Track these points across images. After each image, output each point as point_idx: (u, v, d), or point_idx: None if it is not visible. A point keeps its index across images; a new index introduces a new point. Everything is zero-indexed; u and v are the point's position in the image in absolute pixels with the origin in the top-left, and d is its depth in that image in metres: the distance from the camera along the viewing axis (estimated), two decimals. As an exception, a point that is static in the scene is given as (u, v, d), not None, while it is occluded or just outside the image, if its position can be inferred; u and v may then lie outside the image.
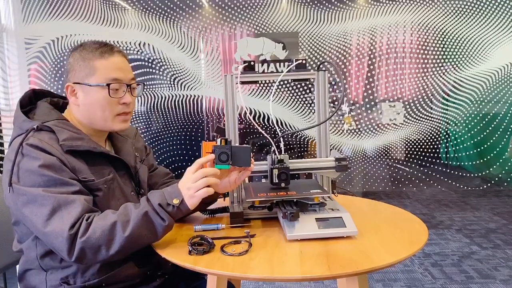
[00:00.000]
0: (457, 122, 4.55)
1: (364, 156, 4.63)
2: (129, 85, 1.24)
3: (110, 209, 1.14)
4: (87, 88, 1.20)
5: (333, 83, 4.51)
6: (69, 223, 1.04)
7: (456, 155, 4.66)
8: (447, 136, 4.68)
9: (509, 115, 4.45)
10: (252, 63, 1.37)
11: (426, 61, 4.47)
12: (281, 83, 4.40)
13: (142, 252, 1.26)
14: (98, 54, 1.20)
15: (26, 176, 1.09)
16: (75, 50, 1.23)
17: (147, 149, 1.49)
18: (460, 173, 4.58)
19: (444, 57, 4.43)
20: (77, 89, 1.21)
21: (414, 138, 4.55)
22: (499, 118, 4.46)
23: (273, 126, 4.11)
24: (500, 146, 4.46)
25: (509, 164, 4.48)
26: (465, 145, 4.60)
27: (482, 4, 4.30)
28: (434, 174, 4.56)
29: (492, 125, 4.48)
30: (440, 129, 4.55)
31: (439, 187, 4.59)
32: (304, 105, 4.49)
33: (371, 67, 4.54)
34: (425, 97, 4.51)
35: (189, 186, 1.12)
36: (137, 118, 4.57)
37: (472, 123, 4.53)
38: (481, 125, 4.51)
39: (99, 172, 1.20)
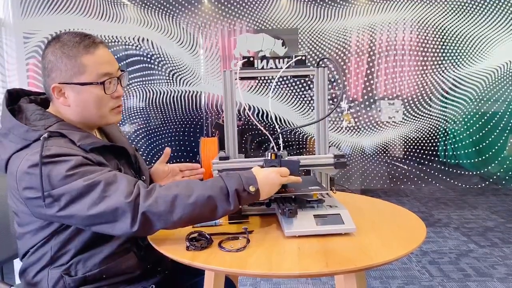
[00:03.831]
0: (456, 120, 4.56)
1: (362, 153, 4.63)
2: (118, 77, 1.21)
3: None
4: (79, 87, 1.15)
5: (332, 80, 4.51)
6: (123, 193, 1.04)
7: (454, 153, 4.66)
8: (445, 134, 4.68)
9: (508, 113, 4.45)
10: (251, 59, 1.36)
11: (425, 58, 4.47)
12: (281, 79, 4.39)
13: (143, 246, 1.27)
14: (83, 49, 1.15)
15: (60, 180, 1.05)
16: (52, 45, 1.16)
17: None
18: (458, 171, 4.58)
19: (444, 55, 4.43)
20: (65, 89, 1.16)
21: (413, 136, 4.55)
22: (498, 116, 4.47)
23: (272, 123, 4.11)
24: (499, 144, 4.46)
25: (507, 162, 4.48)
26: (463, 143, 4.60)
27: (481, 1, 4.30)
28: (432, 172, 4.57)
29: (491, 124, 4.49)
30: (439, 127, 4.56)
31: (437, 185, 4.59)
32: (303, 102, 4.48)
33: (371, 64, 4.53)
34: (424, 95, 4.51)
35: (272, 183, 1.15)
36: (136, 114, 4.56)
37: (471, 121, 4.53)
38: (480, 123, 4.51)
39: (112, 166, 1.20)
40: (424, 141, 4.55)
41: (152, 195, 1.06)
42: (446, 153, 4.74)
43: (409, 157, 4.60)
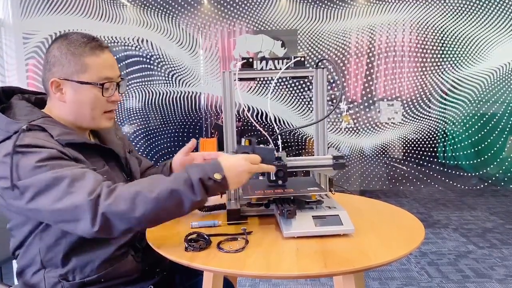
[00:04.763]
0: (455, 121, 4.56)
1: (362, 154, 4.63)
2: (117, 82, 1.22)
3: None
4: (77, 85, 1.16)
5: (331, 81, 4.51)
6: (86, 192, 1.00)
7: (453, 154, 4.67)
8: (445, 135, 4.68)
9: (507, 114, 4.45)
10: (250, 60, 1.36)
11: (424, 59, 4.48)
12: (280, 80, 4.40)
13: (141, 248, 1.27)
14: (89, 50, 1.16)
15: (28, 171, 1.03)
16: (60, 42, 1.17)
17: (127, 140, 1.47)
18: (458, 173, 4.59)
19: (443, 56, 4.44)
20: (64, 85, 1.17)
21: (412, 137, 4.56)
22: (497, 117, 4.47)
23: (271, 124, 4.11)
24: (498, 146, 4.47)
25: (506, 164, 4.49)
26: (462, 144, 4.61)
27: (481, 2, 4.30)
28: (431, 173, 4.57)
29: (490, 125, 4.49)
30: (438, 128, 4.56)
31: (437, 186, 4.60)
32: (302, 102, 4.49)
33: (370, 65, 4.54)
34: (424, 96, 4.51)
35: (240, 171, 1.10)
36: (135, 115, 4.56)
37: (470, 123, 4.54)
38: (479, 124, 4.52)
39: (95, 165, 1.18)
40: (423, 142, 4.56)
41: (113, 194, 1.01)
42: (445, 154, 4.75)
43: (408, 158, 4.61)
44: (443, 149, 4.74)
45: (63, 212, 1.01)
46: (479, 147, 4.53)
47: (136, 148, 4.54)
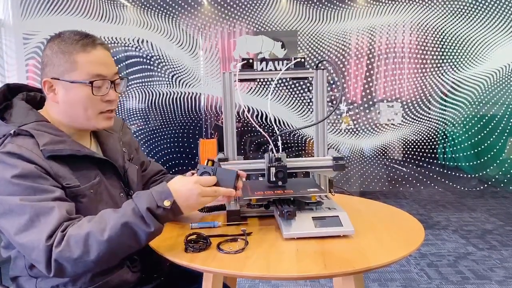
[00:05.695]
0: (454, 122, 4.56)
1: (361, 155, 4.63)
2: (113, 81, 1.16)
3: (98, 213, 1.05)
4: (68, 84, 1.11)
5: (331, 82, 4.51)
6: (46, 233, 0.96)
7: (453, 156, 4.67)
8: (444, 136, 4.68)
9: (506, 116, 4.46)
10: (250, 61, 1.36)
11: (424, 61, 4.48)
12: (280, 81, 4.40)
13: (136, 257, 1.22)
14: (80, 47, 1.11)
15: (2, 185, 1.01)
16: (52, 41, 1.13)
17: (136, 143, 1.42)
18: (457, 174, 4.59)
19: (443, 57, 4.44)
20: (56, 85, 1.12)
21: (412, 138, 4.56)
22: (496, 119, 4.47)
23: (271, 125, 4.11)
24: (498, 147, 4.47)
25: (506, 165, 4.49)
26: (462, 146, 4.61)
27: (481, 4, 4.31)
28: (431, 174, 4.57)
29: (490, 126, 4.49)
30: (438, 130, 4.56)
31: (436, 187, 4.60)
32: (303, 103, 4.49)
33: (370, 66, 4.54)
34: (423, 98, 4.52)
35: (189, 195, 1.05)
36: (135, 115, 4.56)
37: (470, 124, 4.54)
38: (479, 126, 4.52)
39: (85, 177, 1.13)
40: (423, 144, 4.56)
41: (64, 239, 0.96)
42: (445, 156, 4.75)
43: (408, 160, 4.61)
44: (443, 150, 4.74)
45: (23, 248, 1.00)
46: (479, 149, 4.53)
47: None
